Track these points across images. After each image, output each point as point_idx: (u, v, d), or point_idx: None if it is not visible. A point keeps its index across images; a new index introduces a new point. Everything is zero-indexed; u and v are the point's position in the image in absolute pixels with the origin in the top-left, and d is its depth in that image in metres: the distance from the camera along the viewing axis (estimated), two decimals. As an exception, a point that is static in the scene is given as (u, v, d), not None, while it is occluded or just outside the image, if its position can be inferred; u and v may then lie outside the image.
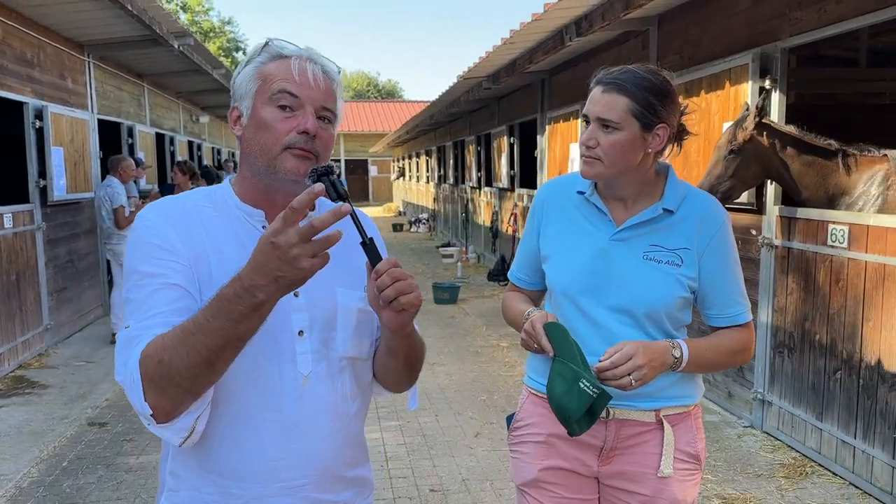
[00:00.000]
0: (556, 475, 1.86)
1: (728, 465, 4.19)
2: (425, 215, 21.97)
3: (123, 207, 7.02)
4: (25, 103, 6.65)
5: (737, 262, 1.84)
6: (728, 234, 1.82)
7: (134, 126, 9.86)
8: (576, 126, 8.00)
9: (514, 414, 1.99)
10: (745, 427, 4.80)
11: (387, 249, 1.42)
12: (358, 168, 35.18)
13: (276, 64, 1.34)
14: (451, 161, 17.14)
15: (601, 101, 1.73)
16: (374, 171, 35.93)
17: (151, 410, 1.17)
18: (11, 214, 6.32)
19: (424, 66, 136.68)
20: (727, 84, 4.86)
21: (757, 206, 4.77)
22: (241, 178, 1.41)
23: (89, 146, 8.18)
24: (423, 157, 22.85)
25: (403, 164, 28.79)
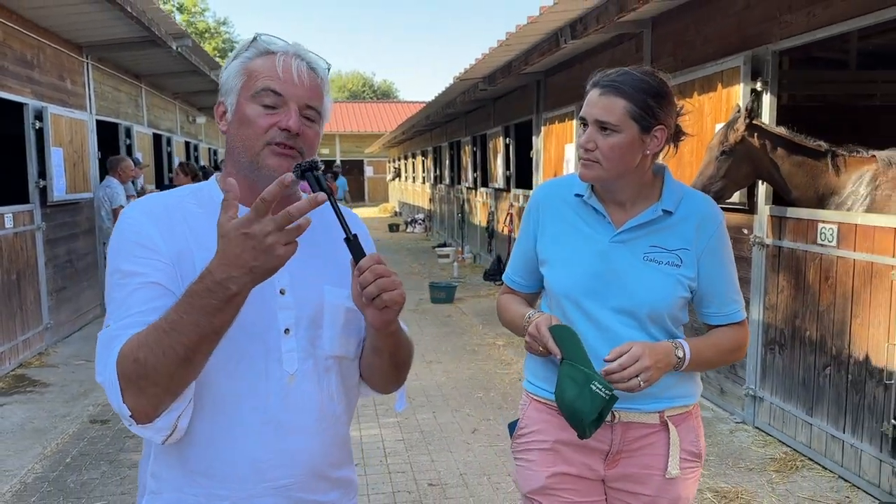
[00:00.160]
0: (564, 481, 1.85)
1: (720, 459, 4.27)
2: (421, 216, 22.01)
3: (123, 208, 7.07)
4: (25, 104, 6.70)
5: (732, 261, 1.86)
6: (725, 234, 1.84)
7: (132, 127, 9.91)
8: (571, 127, 8.08)
9: (516, 421, 1.96)
10: (737, 423, 4.89)
11: (375, 246, 1.41)
12: (354, 168, 35.20)
13: (262, 60, 1.32)
14: (447, 161, 17.19)
15: (599, 104, 1.72)
16: (369, 171, 35.97)
17: (130, 411, 1.16)
18: (12, 214, 6.37)
19: (420, 67, 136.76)
20: (719, 86, 4.94)
21: (748, 206, 4.86)
22: (226, 174, 1.39)
23: (88, 147, 8.22)
24: (420, 158, 22.90)
25: (399, 165, 28.83)
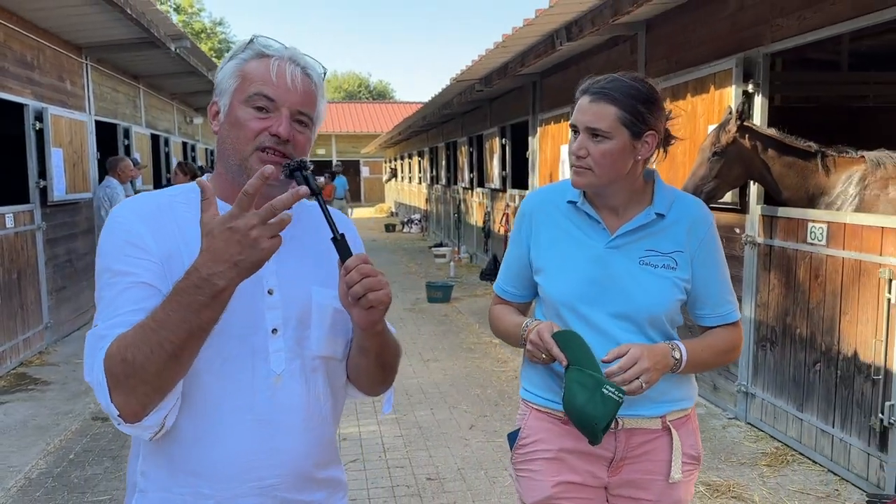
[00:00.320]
0: (569, 489, 1.84)
1: (713, 454, 4.35)
2: (417, 216, 22.09)
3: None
4: (26, 105, 6.75)
5: (724, 262, 1.88)
6: (716, 235, 1.85)
7: (130, 127, 9.97)
8: (567, 128, 8.13)
9: (515, 432, 1.94)
10: (729, 419, 4.97)
11: (364, 247, 1.42)
12: (350, 169, 35.24)
13: (256, 63, 1.33)
14: (443, 162, 17.28)
15: (590, 111, 1.73)
16: (365, 171, 36.05)
17: (118, 410, 1.16)
18: (13, 214, 6.43)
19: (415, 68, 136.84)
20: (712, 88, 5.03)
21: (740, 206, 4.95)
22: (217, 175, 1.40)
23: (87, 147, 8.28)
24: (416, 158, 22.97)
25: (396, 165, 28.90)
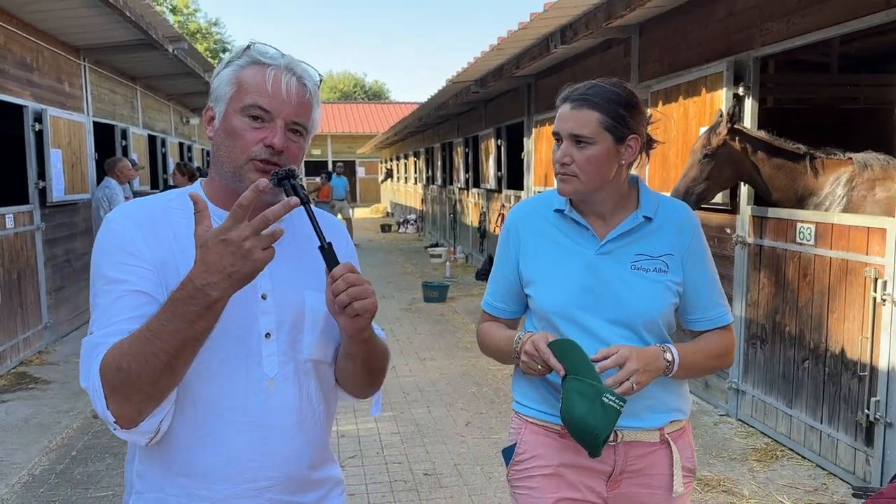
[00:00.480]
0: None
1: (704, 450, 4.44)
2: (413, 216, 22.16)
3: (121, 208, 7.21)
4: (25, 107, 6.81)
5: (713, 264, 1.87)
6: (703, 237, 1.85)
7: (127, 128, 10.03)
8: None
9: (511, 448, 1.90)
10: (721, 415, 5.06)
11: (356, 251, 1.45)
12: (345, 169, 35.26)
13: (253, 71, 1.34)
14: (439, 162, 17.35)
15: (572, 118, 1.73)
16: (361, 172, 36.09)
17: (114, 417, 1.19)
18: (13, 215, 6.49)
19: (411, 68, 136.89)
20: (703, 90, 5.12)
21: (731, 207, 5.04)
22: (210, 180, 1.41)
23: (86, 148, 8.34)
24: (412, 159, 23.05)
25: (391, 166, 28.96)
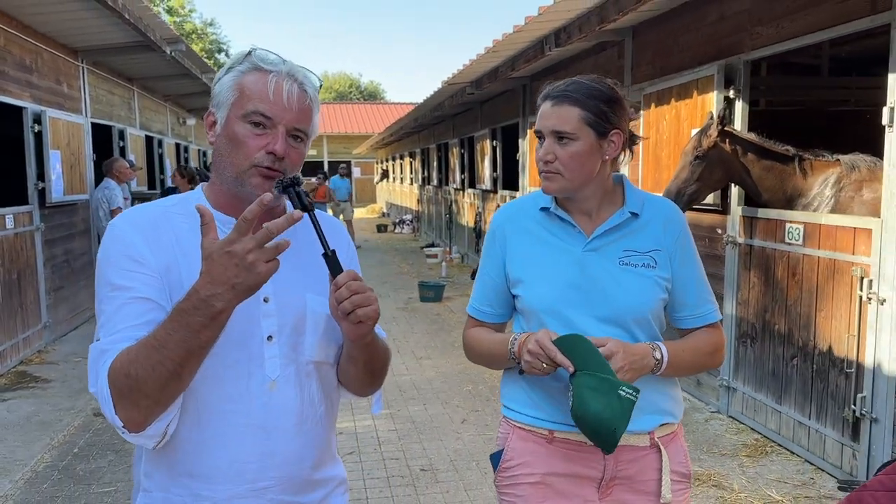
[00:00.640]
0: None
1: (696, 446, 4.53)
2: (409, 216, 22.23)
3: (121, 209, 7.28)
4: (25, 108, 6.86)
5: (700, 262, 1.85)
6: (689, 234, 1.84)
7: (125, 129, 10.08)
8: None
9: (498, 453, 1.88)
10: (712, 412, 5.16)
11: (357, 255, 1.50)
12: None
13: (254, 77, 1.35)
14: (434, 163, 17.42)
15: (553, 115, 1.73)
16: (357, 172, 36.14)
17: (122, 422, 1.22)
18: (13, 215, 6.55)
19: (406, 69, 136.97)
20: (695, 93, 5.21)
21: (722, 207, 5.13)
22: (212, 185, 1.42)
23: (84, 149, 8.39)
24: (408, 159, 23.11)
25: (387, 166, 29.03)
